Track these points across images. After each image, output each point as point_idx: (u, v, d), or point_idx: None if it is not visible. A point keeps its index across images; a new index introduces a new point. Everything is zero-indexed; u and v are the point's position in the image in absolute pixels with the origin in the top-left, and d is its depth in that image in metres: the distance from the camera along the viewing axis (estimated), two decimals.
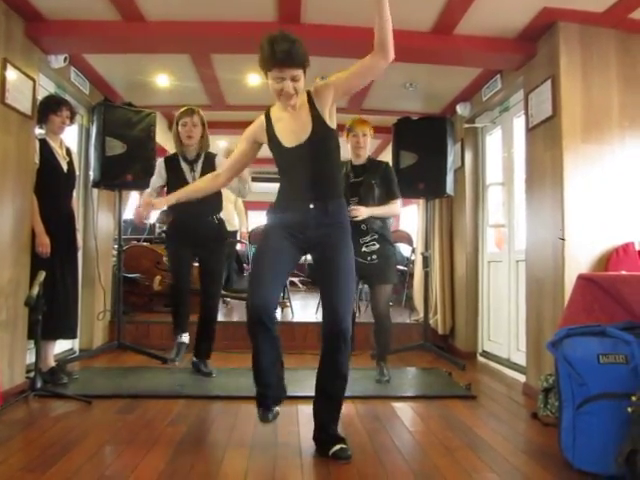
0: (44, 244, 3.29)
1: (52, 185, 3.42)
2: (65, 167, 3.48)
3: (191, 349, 3.75)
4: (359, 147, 3.61)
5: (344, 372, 2.35)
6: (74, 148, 3.98)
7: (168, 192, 3.46)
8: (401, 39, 3.51)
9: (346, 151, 3.23)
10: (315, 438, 2.39)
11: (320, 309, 2.42)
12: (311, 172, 2.32)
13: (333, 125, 2.36)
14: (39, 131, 3.46)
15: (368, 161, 3.67)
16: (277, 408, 2.40)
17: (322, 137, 2.33)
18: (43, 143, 3.41)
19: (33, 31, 3.32)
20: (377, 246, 3.55)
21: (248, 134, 2.48)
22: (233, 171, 2.57)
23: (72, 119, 3.53)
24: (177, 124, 3.53)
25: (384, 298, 3.63)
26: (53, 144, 3.44)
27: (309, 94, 2.34)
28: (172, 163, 3.54)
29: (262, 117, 2.44)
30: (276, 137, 2.36)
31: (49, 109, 3.40)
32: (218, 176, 2.58)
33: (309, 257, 2.50)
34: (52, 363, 3.42)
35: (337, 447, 2.27)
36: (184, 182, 3.33)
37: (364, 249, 3.54)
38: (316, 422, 2.39)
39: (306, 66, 2.25)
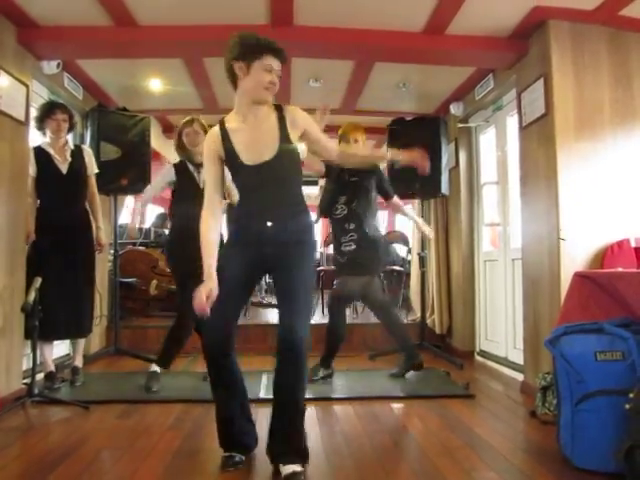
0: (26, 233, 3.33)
1: (49, 190, 3.43)
2: (65, 169, 3.47)
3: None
4: None
5: (297, 398, 2.11)
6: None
7: (178, 195, 3.55)
8: (393, 40, 3.60)
9: None
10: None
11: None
12: (273, 192, 2.14)
13: (297, 143, 2.20)
14: (43, 139, 3.47)
15: None
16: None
17: (289, 155, 2.15)
18: (39, 150, 3.42)
19: (25, 37, 3.32)
20: (353, 246, 3.60)
21: (209, 154, 2.18)
22: (221, 194, 2.23)
23: (70, 121, 3.53)
24: (180, 136, 3.53)
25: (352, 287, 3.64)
26: (50, 149, 3.44)
27: (280, 109, 2.17)
28: (181, 167, 3.54)
29: (215, 129, 2.18)
30: (234, 152, 2.12)
31: (45, 114, 3.44)
32: (214, 212, 2.19)
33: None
34: (50, 368, 3.40)
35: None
36: (195, 184, 3.46)
37: (342, 248, 3.63)
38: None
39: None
